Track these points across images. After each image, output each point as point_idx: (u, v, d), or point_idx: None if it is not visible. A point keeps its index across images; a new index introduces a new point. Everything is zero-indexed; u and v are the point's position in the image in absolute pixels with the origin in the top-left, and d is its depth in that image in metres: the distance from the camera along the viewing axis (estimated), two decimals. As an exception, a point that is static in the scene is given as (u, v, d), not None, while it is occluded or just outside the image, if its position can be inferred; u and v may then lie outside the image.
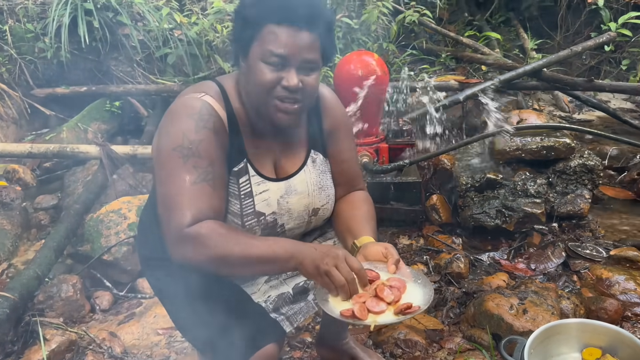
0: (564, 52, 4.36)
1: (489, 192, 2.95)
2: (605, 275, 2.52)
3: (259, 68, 1.34)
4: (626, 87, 4.02)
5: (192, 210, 1.30)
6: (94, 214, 2.81)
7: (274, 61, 1.33)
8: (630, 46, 5.19)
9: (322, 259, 1.27)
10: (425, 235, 3.00)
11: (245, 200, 1.44)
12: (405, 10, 4.93)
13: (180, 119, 1.37)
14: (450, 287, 2.54)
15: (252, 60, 1.35)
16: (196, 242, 1.28)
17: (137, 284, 2.67)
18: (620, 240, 2.86)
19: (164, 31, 4.06)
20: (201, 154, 1.34)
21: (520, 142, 2.97)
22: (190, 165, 1.33)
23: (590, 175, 2.99)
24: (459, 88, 4.08)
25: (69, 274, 2.58)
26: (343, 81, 2.92)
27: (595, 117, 4.76)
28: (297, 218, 1.54)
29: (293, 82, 1.34)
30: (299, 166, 1.55)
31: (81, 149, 3.45)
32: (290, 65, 1.34)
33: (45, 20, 4.06)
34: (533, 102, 4.84)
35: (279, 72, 1.34)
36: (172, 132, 1.37)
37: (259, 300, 1.51)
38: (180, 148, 1.33)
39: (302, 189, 1.53)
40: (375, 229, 1.57)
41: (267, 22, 1.32)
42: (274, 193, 1.49)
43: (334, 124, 1.62)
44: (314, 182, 1.56)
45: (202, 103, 1.38)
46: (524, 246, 2.86)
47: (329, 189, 1.60)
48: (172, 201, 1.32)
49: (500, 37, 5.27)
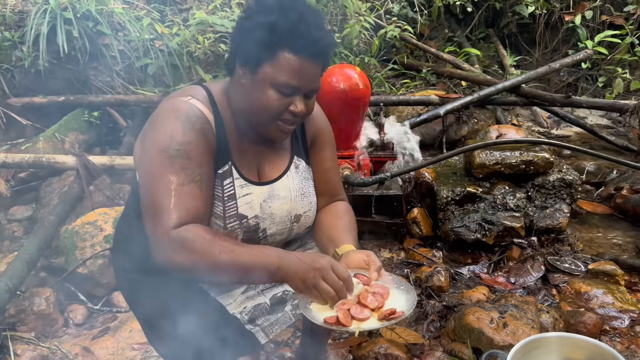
0: (542, 69, 4.45)
1: (469, 205, 2.96)
2: (584, 289, 2.54)
3: (269, 93, 1.34)
4: (603, 104, 4.10)
5: (179, 212, 1.28)
6: (69, 225, 2.75)
7: (286, 91, 1.35)
8: (606, 64, 5.30)
9: (308, 273, 1.26)
10: (406, 249, 3.00)
11: (228, 202, 1.42)
12: (387, 25, 4.97)
13: (167, 121, 1.35)
14: (431, 301, 2.53)
15: (260, 81, 1.35)
16: (182, 246, 1.26)
17: (112, 297, 2.61)
18: (598, 254, 2.88)
19: (144, 41, 4.02)
20: (189, 155, 1.32)
21: (499, 157, 2.99)
22: (178, 166, 1.31)
23: (568, 190, 3.02)
24: (439, 103, 4.12)
25: (42, 287, 2.52)
26: (325, 93, 2.91)
27: (573, 133, 4.83)
28: (279, 223, 1.53)
29: (301, 109, 1.38)
30: (282, 171, 1.55)
31: (57, 159, 3.39)
32: (300, 93, 1.37)
33: (23, 29, 4.00)
34: (512, 118, 4.90)
35: (287, 99, 1.36)
36: (159, 134, 1.34)
37: (234, 312, 1.49)
38: (167, 149, 1.31)
39: (284, 194, 1.53)
40: (357, 238, 1.57)
41: (283, 49, 1.31)
42: (257, 197, 1.48)
43: (316, 133, 1.63)
44: (297, 188, 1.56)
45: (189, 106, 1.37)
46: (504, 260, 2.87)
47: (311, 196, 1.60)
48: (158, 202, 1.29)
49: (480, 53, 5.35)
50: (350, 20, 4.56)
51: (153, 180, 1.32)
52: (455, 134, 4.38)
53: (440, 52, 5.28)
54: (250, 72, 1.35)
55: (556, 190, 3.02)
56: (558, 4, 5.63)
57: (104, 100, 4.04)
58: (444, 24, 6.05)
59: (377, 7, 5.25)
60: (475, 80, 4.64)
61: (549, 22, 5.72)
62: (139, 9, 4.24)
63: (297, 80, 1.33)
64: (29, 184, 3.70)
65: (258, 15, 1.34)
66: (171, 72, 4.10)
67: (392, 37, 4.92)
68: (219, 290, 1.52)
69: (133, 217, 1.55)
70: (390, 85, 4.91)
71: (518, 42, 5.98)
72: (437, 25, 6.07)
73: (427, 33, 5.92)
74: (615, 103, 3.94)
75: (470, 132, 4.37)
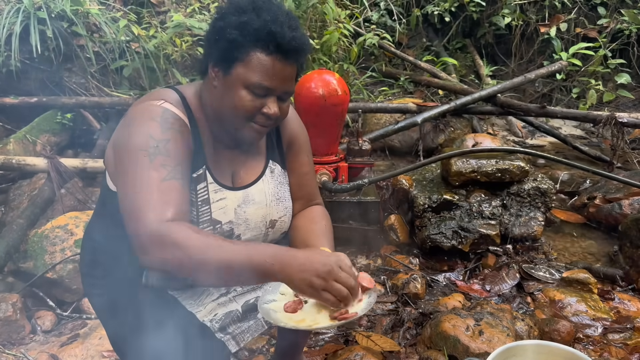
0: (518, 79, 4.51)
1: (446, 213, 2.97)
2: (558, 297, 2.56)
3: (241, 94, 1.32)
4: (577, 114, 4.17)
5: (162, 206, 1.21)
6: (39, 229, 2.68)
7: (258, 92, 1.32)
8: (580, 75, 5.41)
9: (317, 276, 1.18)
10: (383, 255, 2.99)
11: (202, 207, 1.39)
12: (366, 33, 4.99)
13: (143, 122, 1.31)
14: (407, 308, 2.52)
15: (232, 82, 1.32)
16: (166, 241, 1.17)
17: (82, 303, 2.54)
18: (572, 263, 2.92)
19: (120, 43, 3.96)
20: (169, 152, 1.28)
21: (475, 165, 3.01)
22: (158, 163, 1.26)
23: (543, 199, 3.05)
24: (416, 110, 4.14)
25: (8, 293, 2.44)
26: (303, 99, 2.90)
27: (547, 143, 4.90)
28: (254, 229, 1.49)
29: (275, 111, 1.35)
30: (257, 176, 1.52)
31: (28, 162, 3.30)
32: (273, 95, 1.35)
33: (-6, 28, 3.90)
34: (487, 127, 4.95)
35: (260, 100, 1.33)
36: (136, 136, 1.29)
37: (204, 320, 1.44)
38: (146, 148, 1.26)
39: (259, 198, 1.50)
40: (332, 243, 1.54)
41: (256, 49, 1.29)
42: (231, 202, 1.44)
43: (292, 137, 1.61)
44: (272, 192, 1.53)
45: (163, 109, 1.33)
46: (479, 267, 2.88)
47: (286, 201, 1.57)
48: (139, 200, 1.23)
49: (456, 63, 5.41)
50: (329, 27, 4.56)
51: (133, 180, 1.26)
52: (432, 142, 4.41)
53: (418, 60, 5.32)
54: (222, 73, 1.33)
55: (531, 198, 3.05)
56: (534, 16, 5.74)
57: (78, 102, 3.96)
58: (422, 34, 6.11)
59: (357, 15, 5.28)
60: (452, 89, 4.68)
61: (525, 34, 5.83)
62: (115, 11, 4.18)
63: (269, 81, 1.31)
64: (-2, 186, 3.60)
65: (230, 15, 1.32)
66: (147, 75, 4.04)
67: (370, 45, 4.95)
68: (188, 296, 1.47)
69: (101, 222, 1.51)
70: (368, 92, 4.93)
71: (494, 53, 6.07)
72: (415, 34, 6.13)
73: (406, 42, 5.97)
74: (589, 114, 4.01)
75: (447, 140, 4.40)
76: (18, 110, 4.01)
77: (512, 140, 4.90)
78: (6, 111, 4.05)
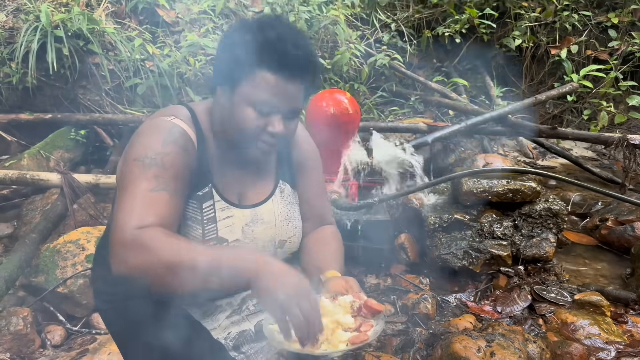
0: (529, 100, 4.51)
1: (456, 232, 2.95)
2: (570, 320, 2.53)
3: (246, 112, 1.32)
4: (588, 136, 4.15)
5: (141, 214, 1.19)
6: (51, 244, 2.70)
7: (263, 110, 1.32)
8: (591, 97, 5.40)
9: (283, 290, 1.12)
10: (393, 275, 2.97)
11: (207, 225, 1.38)
12: (377, 54, 5.03)
13: (147, 135, 1.33)
14: (417, 329, 2.50)
15: (238, 100, 1.32)
16: (139, 245, 1.14)
17: (92, 318, 2.54)
18: (584, 285, 2.88)
19: (135, 61, 4.02)
20: (165, 165, 1.27)
21: (487, 185, 3.00)
22: (151, 174, 1.25)
23: (555, 220, 3.03)
24: (427, 130, 4.15)
25: (20, 307, 2.45)
26: (315, 118, 2.92)
27: (559, 164, 4.88)
28: (262, 249, 1.48)
29: (280, 129, 1.34)
30: (267, 195, 1.52)
31: (42, 177, 3.34)
32: (278, 113, 1.34)
33: (13, 45, 3.98)
34: (498, 147, 4.94)
35: (265, 118, 1.33)
36: (137, 147, 1.31)
37: (218, 337, 1.44)
38: (142, 158, 1.27)
39: (268, 218, 1.49)
40: (342, 265, 1.54)
41: (261, 67, 1.29)
42: (239, 220, 1.44)
43: (303, 158, 1.61)
44: (281, 212, 1.52)
45: (172, 124, 1.34)
46: (490, 288, 2.85)
47: (296, 220, 1.56)
48: (124, 206, 1.22)
49: (467, 84, 5.42)
50: (340, 48, 4.61)
51: (123, 189, 1.26)
52: (443, 161, 4.40)
53: (428, 81, 5.34)
54: (229, 91, 1.34)
55: (543, 219, 3.03)
56: (544, 38, 5.76)
57: (92, 118, 4.01)
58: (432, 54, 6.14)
59: (368, 36, 5.33)
60: (462, 110, 4.69)
61: (536, 55, 5.84)
62: (130, 30, 4.25)
63: (274, 99, 1.31)
64: (12, 201, 3.63)
65: (237, 34, 1.33)
66: (161, 93, 4.09)
67: (381, 65, 4.99)
68: (203, 313, 1.47)
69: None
70: (379, 112, 4.95)
71: (505, 74, 6.08)
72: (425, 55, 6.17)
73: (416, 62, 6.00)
74: (600, 135, 4.00)
75: (457, 160, 4.40)
76: (33, 126, 4.07)
77: (522, 161, 4.88)
78: (21, 127, 4.11)
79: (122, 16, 4.38)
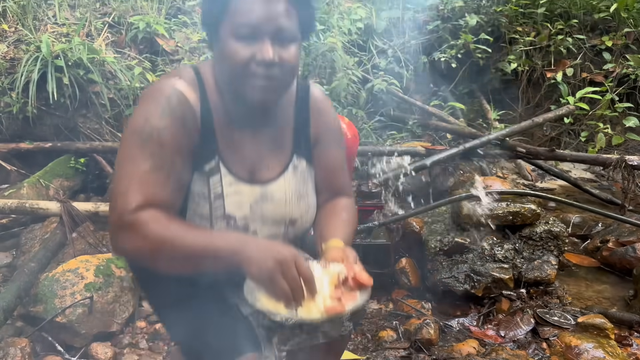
0: (526, 123, 4.54)
1: (458, 256, 2.94)
2: (574, 343, 2.50)
3: (230, 46, 1.24)
4: (586, 158, 4.17)
5: (138, 197, 1.18)
6: (50, 273, 2.68)
7: (245, 33, 1.22)
8: (588, 119, 5.44)
9: (267, 262, 1.13)
10: (395, 300, 2.95)
11: (215, 201, 1.33)
12: (374, 79, 5.08)
13: (147, 102, 1.28)
14: (420, 354, 2.47)
15: (222, 39, 1.26)
16: (134, 229, 1.16)
17: (90, 348, 2.51)
18: (587, 307, 2.86)
19: (135, 90, 4.06)
20: (162, 142, 1.23)
21: (487, 207, 3.00)
22: (148, 151, 1.22)
23: (555, 242, 3.03)
24: (425, 154, 4.16)
25: (18, 337, 2.42)
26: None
27: (557, 186, 4.89)
28: (272, 227, 1.42)
29: (268, 54, 1.22)
30: (279, 172, 1.43)
31: (41, 205, 3.33)
32: (263, 36, 1.23)
33: (13, 75, 4.02)
34: (497, 170, 4.96)
35: (252, 47, 1.23)
36: (137, 115, 1.27)
37: None
38: (140, 132, 1.23)
39: (279, 197, 1.42)
40: (350, 236, 1.46)
41: None
42: (247, 197, 1.37)
43: (322, 128, 1.51)
44: (293, 190, 1.44)
45: (173, 90, 1.29)
46: (493, 312, 2.83)
47: (309, 197, 1.49)
48: (120, 186, 1.21)
49: (464, 107, 5.46)
50: (338, 74, 4.66)
51: (121, 163, 1.24)
52: (442, 184, 4.41)
53: (425, 105, 5.38)
54: (215, 33, 1.29)
55: (543, 241, 3.02)
56: (540, 62, 5.82)
57: (92, 147, 4.03)
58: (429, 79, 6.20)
59: (365, 62, 5.38)
60: (460, 133, 4.71)
61: (531, 79, 5.90)
62: (130, 59, 4.29)
63: (253, 18, 1.21)
64: (11, 230, 3.62)
65: None
66: (160, 121, 4.10)
67: (379, 90, 5.02)
68: None
69: None
70: (377, 136, 4.97)
71: (501, 98, 6.13)
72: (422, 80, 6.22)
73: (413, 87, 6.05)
74: (598, 157, 4.02)
75: (456, 183, 4.40)
76: (33, 155, 4.07)
77: (521, 183, 4.89)
78: (21, 156, 4.12)
79: (121, 45, 4.43)
